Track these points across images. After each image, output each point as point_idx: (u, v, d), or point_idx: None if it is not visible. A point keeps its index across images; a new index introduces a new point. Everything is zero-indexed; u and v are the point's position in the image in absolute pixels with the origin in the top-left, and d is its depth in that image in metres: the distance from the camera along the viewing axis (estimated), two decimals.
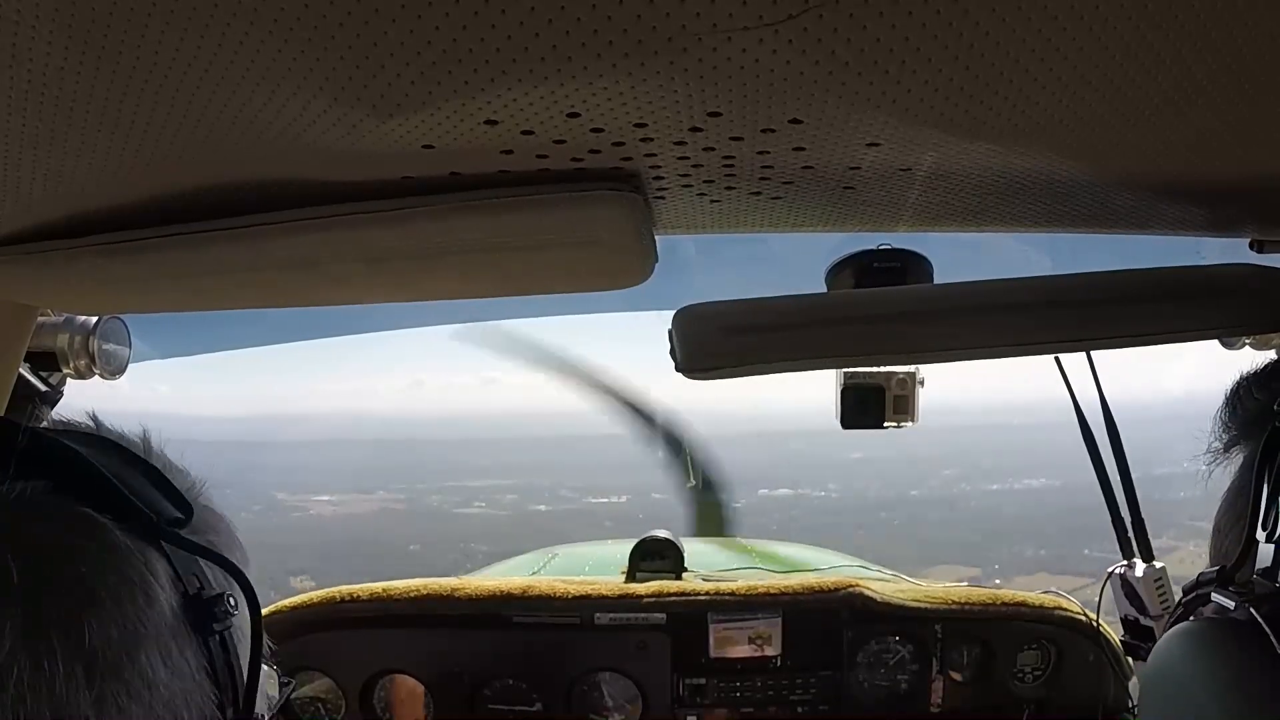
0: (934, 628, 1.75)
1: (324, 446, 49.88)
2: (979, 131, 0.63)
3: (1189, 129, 0.64)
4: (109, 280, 0.91)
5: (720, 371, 0.85)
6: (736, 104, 0.56)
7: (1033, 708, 1.78)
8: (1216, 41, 0.49)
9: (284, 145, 0.62)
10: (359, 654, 1.75)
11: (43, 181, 0.68)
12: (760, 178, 0.74)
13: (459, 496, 26.58)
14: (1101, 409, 1.49)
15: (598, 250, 0.82)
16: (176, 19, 0.44)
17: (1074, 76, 0.53)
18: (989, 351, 0.86)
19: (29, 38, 0.45)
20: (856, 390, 1.34)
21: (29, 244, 0.83)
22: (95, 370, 1.12)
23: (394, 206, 0.75)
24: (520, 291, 1.07)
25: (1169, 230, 0.97)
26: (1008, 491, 23.27)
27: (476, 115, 0.57)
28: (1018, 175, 0.75)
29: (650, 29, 0.46)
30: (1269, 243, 0.97)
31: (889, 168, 0.72)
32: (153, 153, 0.63)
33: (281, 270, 0.89)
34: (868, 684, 1.77)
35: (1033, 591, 1.82)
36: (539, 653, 1.73)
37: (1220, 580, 0.63)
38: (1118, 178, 0.78)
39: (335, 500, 26.56)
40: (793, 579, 1.85)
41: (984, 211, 0.87)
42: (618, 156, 0.67)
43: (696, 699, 1.74)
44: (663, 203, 0.81)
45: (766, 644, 1.73)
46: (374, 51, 0.48)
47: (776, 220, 0.90)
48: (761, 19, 0.45)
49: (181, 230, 0.79)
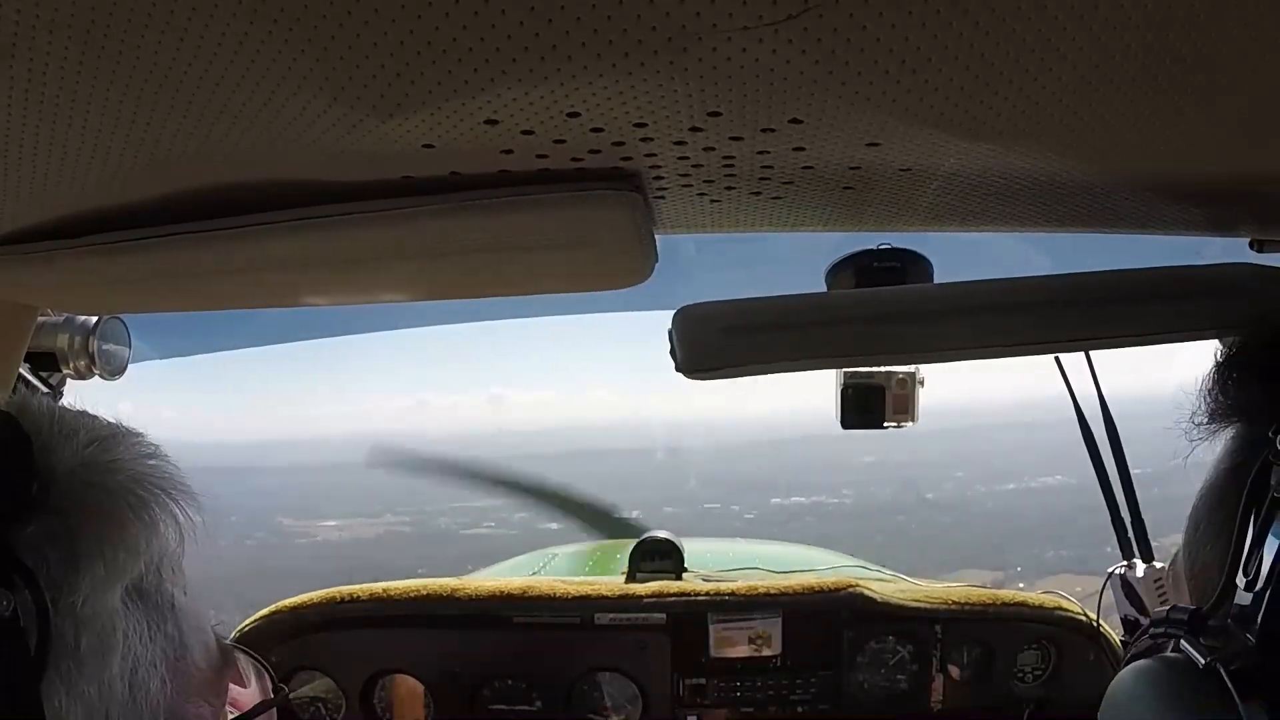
0: (934, 628, 1.75)
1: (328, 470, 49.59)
2: (979, 131, 0.63)
3: (1189, 129, 0.64)
4: (109, 280, 0.91)
5: (720, 371, 0.85)
6: (736, 104, 0.56)
7: (1032, 707, 1.78)
8: (1217, 41, 0.49)
9: (284, 145, 0.62)
10: (359, 654, 1.75)
11: (43, 181, 0.68)
12: (760, 178, 0.74)
13: (467, 517, 26.16)
14: (1101, 409, 1.49)
15: (598, 250, 0.82)
16: (176, 19, 0.44)
17: (1074, 76, 0.53)
18: (989, 351, 0.86)
19: (29, 37, 0.45)
20: (856, 390, 1.34)
21: (29, 244, 0.83)
22: (95, 370, 1.12)
23: (394, 206, 0.75)
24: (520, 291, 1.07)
25: (1169, 230, 0.97)
26: (1023, 491, 23.06)
27: (476, 115, 0.57)
28: (1018, 175, 0.75)
29: (650, 29, 0.46)
30: (1269, 243, 0.97)
31: (889, 168, 0.72)
32: (153, 153, 0.63)
33: (281, 270, 0.89)
34: (868, 684, 1.77)
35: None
36: (539, 653, 1.73)
37: (1192, 627, 0.59)
38: (1118, 178, 0.77)
39: (340, 525, 25.98)
40: (793, 579, 1.85)
41: (984, 211, 0.87)
42: (618, 156, 0.67)
43: (696, 699, 1.74)
44: (663, 203, 0.81)
45: (766, 644, 1.73)
46: (374, 51, 0.48)
47: (776, 220, 0.90)
48: (761, 19, 0.45)
49: (181, 230, 0.79)
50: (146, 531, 0.54)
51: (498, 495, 4.02)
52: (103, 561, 0.51)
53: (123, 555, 0.52)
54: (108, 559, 0.51)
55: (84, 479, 0.52)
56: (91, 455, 0.53)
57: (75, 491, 0.51)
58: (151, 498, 0.55)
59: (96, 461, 0.53)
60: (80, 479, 0.52)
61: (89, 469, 0.53)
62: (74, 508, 0.51)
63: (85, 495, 0.52)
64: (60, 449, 0.52)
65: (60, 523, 0.50)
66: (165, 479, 0.56)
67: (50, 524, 0.50)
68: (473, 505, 28.78)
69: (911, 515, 20.97)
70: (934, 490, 25.44)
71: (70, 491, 0.51)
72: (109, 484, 0.53)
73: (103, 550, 0.51)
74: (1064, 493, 19.91)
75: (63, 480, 0.51)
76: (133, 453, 0.56)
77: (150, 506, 0.54)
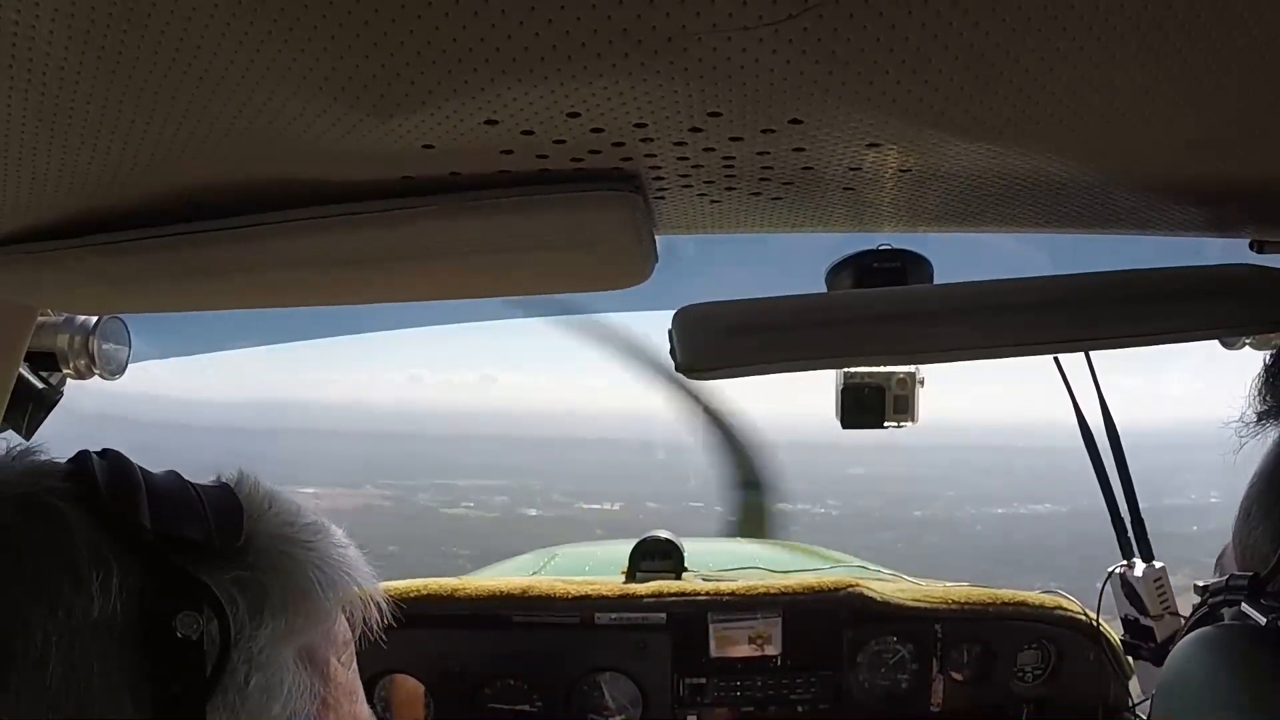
0: (934, 628, 1.75)
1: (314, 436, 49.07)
2: (979, 131, 0.63)
3: (1189, 129, 0.64)
4: (109, 280, 0.91)
5: (721, 372, 0.85)
6: (736, 104, 0.56)
7: (1032, 707, 1.78)
8: (1217, 41, 0.49)
9: (284, 145, 0.62)
10: (359, 654, 1.75)
11: (42, 181, 0.68)
12: (760, 178, 0.74)
13: (448, 496, 26.12)
14: (1101, 409, 1.49)
15: (598, 250, 0.82)
16: (176, 18, 0.44)
17: (1074, 76, 0.53)
18: (989, 352, 0.86)
19: (29, 37, 0.45)
20: (856, 390, 1.34)
21: (29, 244, 0.83)
22: (95, 370, 1.12)
23: (394, 206, 0.75)
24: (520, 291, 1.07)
25: (1169, 230, 0.97)
26: (1013, 516, 22.81)
27: (476, 115, 0.57)
28: (1018, 175, 0.75)
29: (650, 29, 0.46)
30: (1269, 243, 0.97)
31: (889, 168, 0.72)
32: (152, 152, 0.63)
33: (281, 270, 0.89)
34: (868, 684, 1.77)
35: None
36: (539, 653, 1.73)
37: (1251, 589, 0.60)
38: (1118, 178, 0.77)
39: (318, 493, 26.16)
40: (793, 579, 1.85)
41: (984, 211, 0.87)
42: (618, 157, 0.67)
43: (697, 699, 1.74)
44: (663, 203, 0.81)
45: (766, 644, 1.73)
46: (374, 51, 0.48)
47: (776, 220, 0.90)
48: (761, 19, 0.45)
49: (182, 230, 0.79)
50: (325, 605, 0.62)
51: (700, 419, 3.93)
52: (285, 618, 0.58)
53: (301, 620, 0.60)
54: (289, 618, 0.58)
55: (281, 547, 0.60)
56: (293, 531, 0.62)
57: (272, 555, 0.59)
58: (338, 579, 0.62)
59: (296, 536, 0.61)
60: (278, 547, 0.60)
61: (288, 540, 0.61)
62: (268, 568, 0.58)
63: (279, 560, 0.59)
64: (265, 518, 0.61)
65: (253, 577, 0.57)
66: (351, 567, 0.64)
67: (245, 576, 0.57)
68: (455, 484, 28.55)
69: (898, 531, 20.75)
70: (923, 508, 25.08)
71: (268, 554, 0.59)
72: (300, 556, 0.61)
73: (286, 609, 0.58)
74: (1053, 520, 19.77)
75: (262, 542, 0.59)
76: (328, 540, 0.64)
77: (336, 587, 0.62)
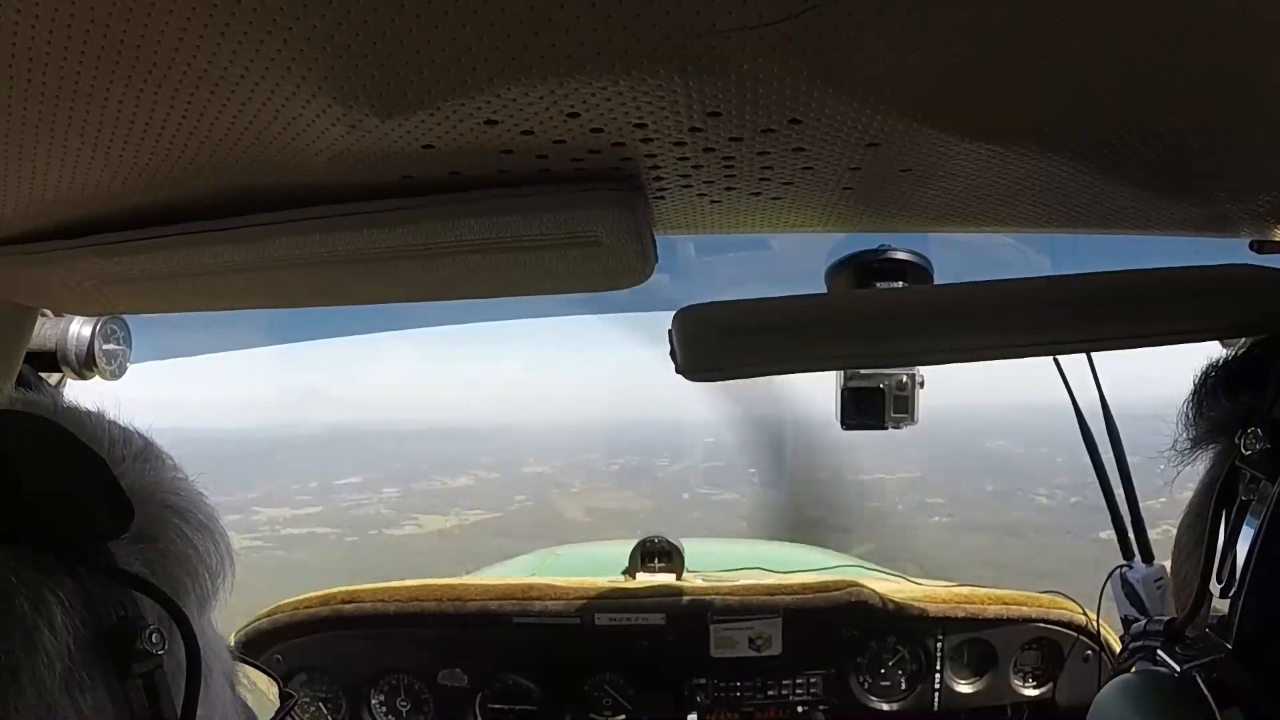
0: (934, 628, 1.75)
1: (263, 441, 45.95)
2: (979, 131, 0.63)
3: (1189, 129, 0.64)
4: (109, 280, 0.91)
5: (721, 372, 0.85)
6: (736, 104, 0.56)
7: (1032, 707, 1.78)
8: (1216, 41, 0.49)
9: (284, 145, 0.62)
10: (359, 654, 1.75)
11: (43, 182, 0.68)
12: (760, 178, 0.74)
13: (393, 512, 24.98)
14: (1101, 410, 1.49)
15: (598, 250, 0.82)
16: (176, 19, 0.44)
17: (1074, 76, 0.53)
18: (989, 353, 0.86)
19: (29, 37, 0.45)
20: (856, 391, 1.35)
21: (29, 244, 0.83)
22: (95, 370, 1.12)
23: (394, 206, 0.75)
24: (520, 291, 1.07)
25: (1169, 230, 0.97)
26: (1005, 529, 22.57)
27: (476, 115, 0.57)
28: (1018, 175, 0.75)
29: (650, 29, 0.46)
30: (1269, 243, 0.97)
31: (889, 168, 0.72)
32: (152, 153, 0.63)
33: (281, 270, 0.89)
34: (868, 684, 1.77)
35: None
36: (539, 653, 1.74)
37: (1168, 636, 0.60)
38: (1118, 178, 0.77)
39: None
40: (793, 579, 1.85)
41: (984, 211, 0.87)
42: (618, 157, 0.67)
43: (697, 699, 1.74)
44: (663, 203, 0.81)
45: (766, 644, 1.73)
46: (374, 51, 0.48)
47: (776, 220, 0.90)
48: (761, 19, 0.45)
49: (181, 230, 0.79)
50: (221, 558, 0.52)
51: None
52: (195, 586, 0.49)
53: (208, 581, 0.50)
54: (198, 585, 0.49)
55: (161, 501, 0.49)
56: (153, 474, 0.50)
57: (158, 515, 0.48)
58: (213, 524, 0.52)
59: (160, 481, 0.50)
60: (158, 501, 0.49)
61: (162, 490, 0.49)
62: (162, 533, 0.48)
63: (167, 519, 0.49)
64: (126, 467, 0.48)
65: (153, 548, 0.47)
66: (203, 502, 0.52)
67: (148, 552, 0.47)
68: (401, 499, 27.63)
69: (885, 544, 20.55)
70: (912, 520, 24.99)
71: (156, 515, 0.48)
72: (179, 506, 0.50)
73: (194, 577, 0.49)
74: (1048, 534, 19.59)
75: (143, 501, 0.47)
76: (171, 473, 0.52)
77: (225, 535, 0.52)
